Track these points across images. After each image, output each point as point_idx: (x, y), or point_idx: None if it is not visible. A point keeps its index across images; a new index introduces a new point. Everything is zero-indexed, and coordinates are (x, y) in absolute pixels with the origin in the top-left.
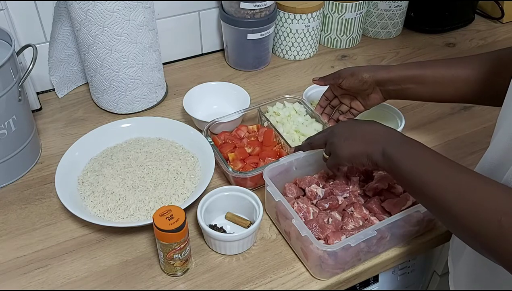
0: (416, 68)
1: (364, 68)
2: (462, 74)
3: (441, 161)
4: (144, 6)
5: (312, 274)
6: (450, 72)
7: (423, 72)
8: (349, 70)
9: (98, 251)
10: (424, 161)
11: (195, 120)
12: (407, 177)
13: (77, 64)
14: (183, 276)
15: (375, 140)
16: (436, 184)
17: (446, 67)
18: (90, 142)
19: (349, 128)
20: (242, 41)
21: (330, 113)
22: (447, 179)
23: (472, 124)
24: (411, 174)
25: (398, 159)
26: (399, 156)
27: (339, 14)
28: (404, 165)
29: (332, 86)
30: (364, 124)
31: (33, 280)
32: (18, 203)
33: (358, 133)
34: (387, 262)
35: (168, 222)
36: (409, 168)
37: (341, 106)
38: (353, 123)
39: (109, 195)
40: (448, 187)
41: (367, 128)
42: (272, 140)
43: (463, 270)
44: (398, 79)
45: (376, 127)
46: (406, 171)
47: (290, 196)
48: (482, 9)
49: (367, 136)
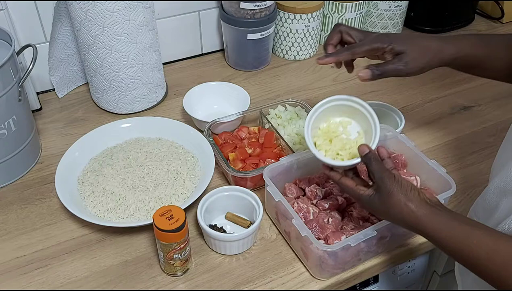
0: (483, 47)
1: (422, 39)
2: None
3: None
4: (144, 6)
5: (312, 274)
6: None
7: (489, 54)
8: (394, 37)
9: (98, 251)
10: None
11: (195, 120)
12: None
13: (77, 64)
14: (183, 276)
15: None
16: (471, 251)
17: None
18: (90, 142)
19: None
20: (242, 41)
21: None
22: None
23: (472, 124)
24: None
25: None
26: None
27: (339, 14)
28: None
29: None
30: (399, 207)
31: (33, 280)
32: (18, 203)
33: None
34: (387, 262)
35: (168, 222)
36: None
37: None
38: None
39: (109, 195)
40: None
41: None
42: (272, 142)
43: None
44: (463, 60)
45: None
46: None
47: (290, 196)
48: (482, 9)
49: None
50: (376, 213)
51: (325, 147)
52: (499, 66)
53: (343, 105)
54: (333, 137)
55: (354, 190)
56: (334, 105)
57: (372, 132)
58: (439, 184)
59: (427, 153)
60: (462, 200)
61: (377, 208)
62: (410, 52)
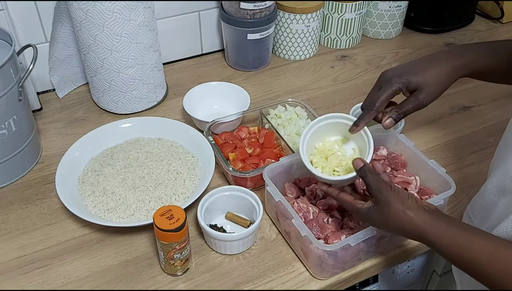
0: (490, 56)
1: (433, 64)
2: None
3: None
4: (144, 6)
5: (312, 274)
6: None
7: (495, 63)
8: (406, 74)
9: (99, 251)
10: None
11: (195, 120)
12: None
13: (77, 64)
14: (183, 276)
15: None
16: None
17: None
18: (90, 142)
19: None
20: (242, 41)
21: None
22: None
23: (472, 124)
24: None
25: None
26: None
27: (339, 14)
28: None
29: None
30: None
31: (33, 280)
32: (19, 203)
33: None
34: (387, 262)
35: (168, 221)
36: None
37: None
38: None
39: (109, 195)
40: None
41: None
42: (272, 142)
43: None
44: (472, 70)
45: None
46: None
47: (290, 196)
48: (482, 9)
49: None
50: (376, 225)
51: (321, 164)
52: (502, 71)
53: (336, 123)
54: (329, 155)
55: (352, 204)
56: (328, 123)
57: (366, 147)
58: (438, 184)
59: (426, 153)
60: (462, 200)
61: (376, 220)
62: (424, 87)
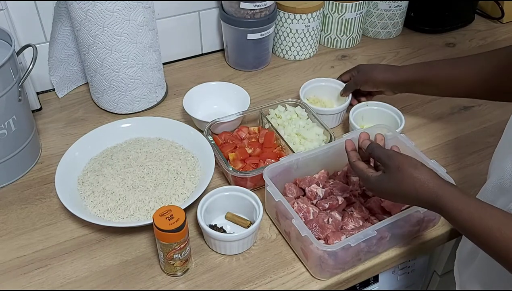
0: (423, 70)
1: (376, 73)
2: (469, 73)
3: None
4: (144, 6)
5: (312, 274)
6: (457, 72)
7: (429, 74)
8: (364, 76)
9: (98, 251)
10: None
11: (195, 120)
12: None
13: (77, 64)
14: (183, 276)
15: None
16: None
17: (453, 67)
18: (90, 142)
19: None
20: (242, 41)
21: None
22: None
23: (472, 124)
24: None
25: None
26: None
27: (339, 14)
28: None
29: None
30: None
31: (33, 280)
32: (18, 203)
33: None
34: (387, 262)
35: (168, 222)
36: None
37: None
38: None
39: (109, 195)
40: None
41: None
42: (273, 142)
43: (471, 281)
44: (406, 82)
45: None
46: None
47: (290, 196)
48: (482, 9)
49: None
50: (386, 194)
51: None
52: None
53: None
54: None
55: (364, 171)
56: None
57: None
58: None
59: (427, 153)
60: None
61: (386, 188)
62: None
